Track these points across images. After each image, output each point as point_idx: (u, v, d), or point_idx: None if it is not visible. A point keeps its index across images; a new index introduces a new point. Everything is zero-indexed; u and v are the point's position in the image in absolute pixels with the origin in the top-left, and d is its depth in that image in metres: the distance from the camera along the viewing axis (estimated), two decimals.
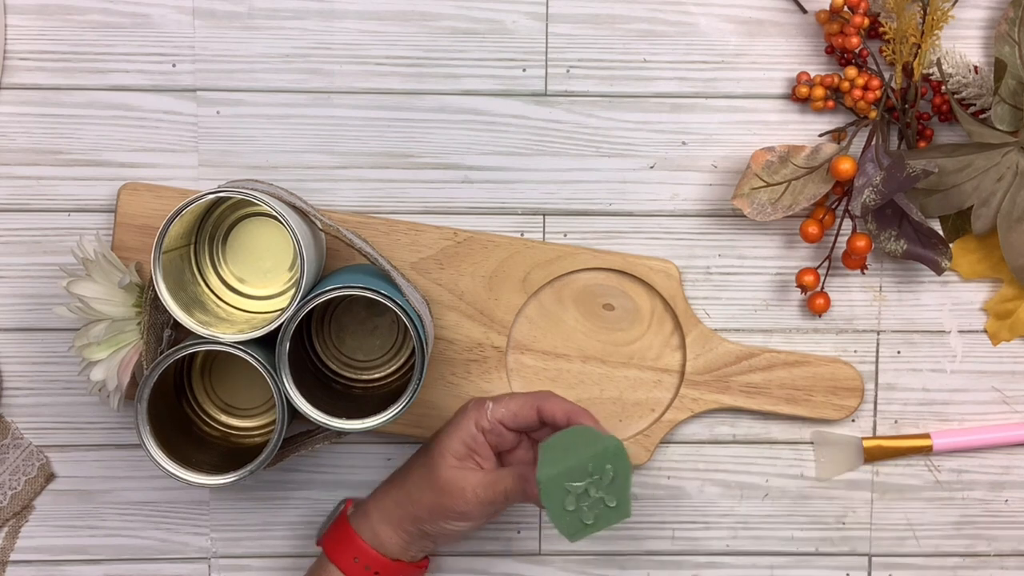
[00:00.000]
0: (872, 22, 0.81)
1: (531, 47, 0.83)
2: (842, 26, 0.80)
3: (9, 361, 0.84)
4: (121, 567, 0.86)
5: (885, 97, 0.81)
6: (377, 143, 0.83)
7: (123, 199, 0.82)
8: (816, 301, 0.83)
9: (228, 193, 0.72)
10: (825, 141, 0.83)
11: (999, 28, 0.80)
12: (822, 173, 0.81)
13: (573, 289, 0.84)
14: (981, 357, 0.86)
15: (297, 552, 0.86)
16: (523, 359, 0.84)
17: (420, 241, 0.83)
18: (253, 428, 0.83)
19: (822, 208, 0.83)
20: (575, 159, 0.84)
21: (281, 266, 0.79)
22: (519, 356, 0.84)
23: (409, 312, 0.73)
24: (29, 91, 0.82)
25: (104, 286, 0.77)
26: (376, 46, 0.83)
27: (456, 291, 0.83)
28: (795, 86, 0.83)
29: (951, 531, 0.87)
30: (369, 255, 0.77)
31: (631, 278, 0.84)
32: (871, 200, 0.78)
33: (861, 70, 0.81)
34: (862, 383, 0.85)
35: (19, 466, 0.84)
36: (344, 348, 0.83)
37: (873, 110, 0.81)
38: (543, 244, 0.84)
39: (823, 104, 0.82)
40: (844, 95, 0.82)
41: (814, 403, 0.85)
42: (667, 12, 0.83)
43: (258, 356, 0.73)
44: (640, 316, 0.84)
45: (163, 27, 0.82)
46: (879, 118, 0.81)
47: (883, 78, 0.82)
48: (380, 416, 0.74)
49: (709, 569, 0.87)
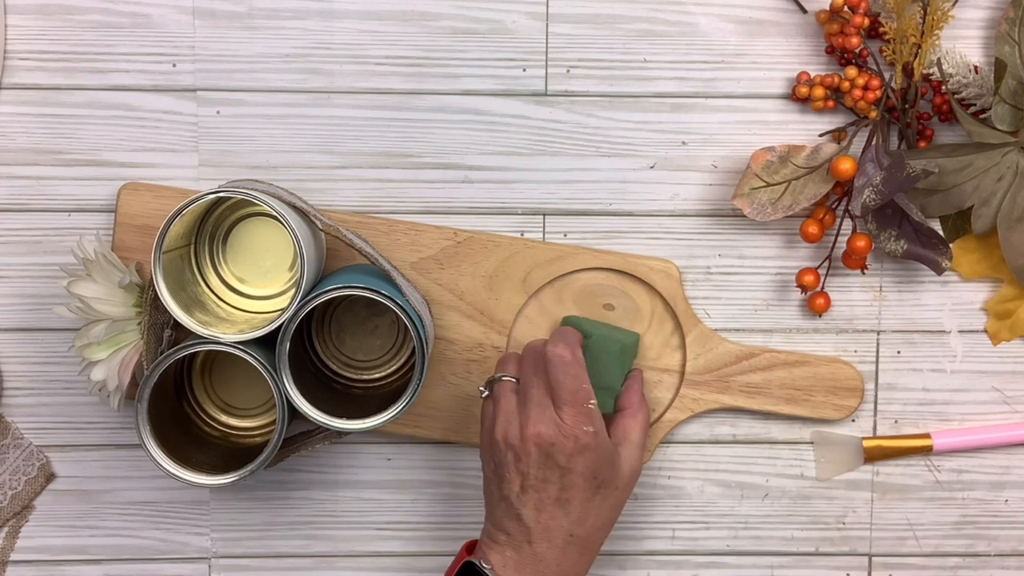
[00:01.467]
0: (872, 22, 0.81)
1: (531, 47, 0.83)
2: (842, 26, 0.80)
3: (9, 361, 0.84)
4: (121, 567, 0.86)
5: (885, 97, 0.81)
6: (377, 143, 0.83)
7: (123, 199, 0.82)
8: (816, 301, 0.83)
9: (228, 193, 0.72)
10: (825, 141, 0.83)
11: (999, 28, 0.80)
12: (822, 173, 0.81)
13: (573, 289, 0.84)
14: (981, 357, 0.86)
15: (297, 552, 0.86)
16: None
17: (420, 241, 0.83)
18: (253, 428, 0.83)
19: (822, 208, 0.83)
20: (575, 159, 0.84)
21: (281, 266, 0.79)
22: None
23: (409, 312, 0.73)
24: (29, 91, 0.82)
25: (104, 286, 0.77)
26: (376, 46, 0.83)
27: (456, 291, 0.83)
28: (795, 86, 0.83)
29: (951, 531, 0.87)
30: (369, 255, 0.77)
31: (631, 278, 0.84)
32: (871, 200, 0.78)
33: (861, 70, 0.81)
34: (862, 383, 0.85)
35: (19, 466, 0.84)
36: (344, 348, 0.83)
37: (873, 110, 0.81)
38: (543, 244, 0.84)
39: (823, 104, 0.82)
40: (844, 95, 0.82)
41: (814, 403, 0.85)
42: (667, 12, 0.83)
43: (258, 356, 0.73)
44: (640, 316, 0.84)
45: (163, 27, 0.82)
46: (879, 118, 0.81)
47: (883, 78, 0.82)
48: (380, 416, 0.74)
49: (709, 569, 0.87)
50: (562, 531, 0.73)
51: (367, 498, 0.86)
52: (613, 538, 0.87)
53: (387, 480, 0.86)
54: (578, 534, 0.74)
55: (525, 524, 0.73)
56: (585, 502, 0.74)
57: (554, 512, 0.73)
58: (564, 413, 0.73)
